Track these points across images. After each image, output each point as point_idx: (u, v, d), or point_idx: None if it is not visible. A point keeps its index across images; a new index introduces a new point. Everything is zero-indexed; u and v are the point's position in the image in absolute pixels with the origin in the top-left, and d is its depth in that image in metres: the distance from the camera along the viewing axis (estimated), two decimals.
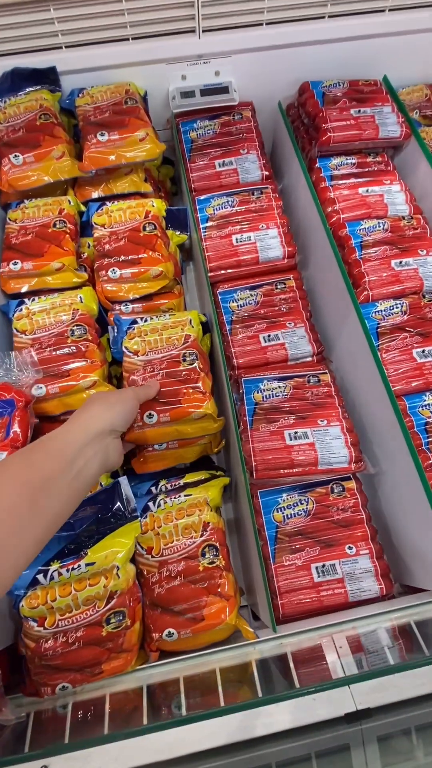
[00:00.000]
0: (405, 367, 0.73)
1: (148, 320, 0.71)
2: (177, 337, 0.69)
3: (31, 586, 0.50)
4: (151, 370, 0.66)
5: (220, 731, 0.51)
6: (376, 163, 0.94)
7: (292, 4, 0.87)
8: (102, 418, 0.48)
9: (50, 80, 0.88)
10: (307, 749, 0.51)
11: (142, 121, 0.83)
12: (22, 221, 0.79)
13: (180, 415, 0.63)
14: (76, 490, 0.43)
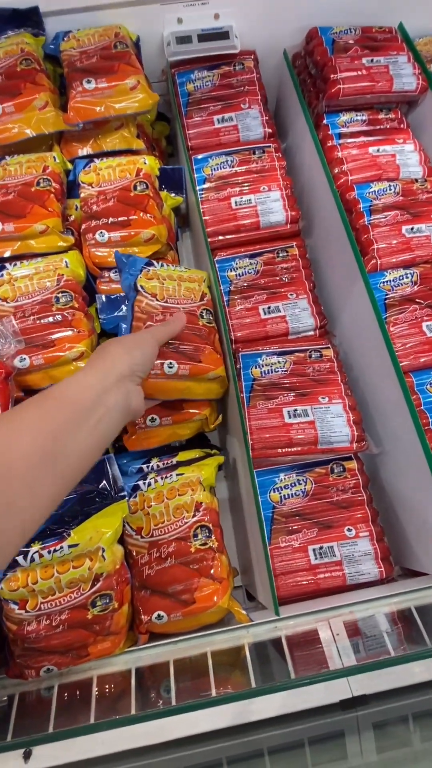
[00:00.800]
0: (413, 341, 0.69)
1: (165, 266, 0.65)
2: (195, 290, 0.64)
3: (9, 568, 0.47)
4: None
5: (211, 716, 0.49)
6: (388, 120, 0.87)
7: None
8: (122, 360, 0.44)
9: (33, 22, 0.80)
10: (300, 735, 0.50)
11: (133, 68, 0.76)
12: (2, 179, 0.73)
13: (198, 372, 0.60)
14: (96, 441, 0.39)
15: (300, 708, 0.49)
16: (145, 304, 0.61)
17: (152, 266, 0.64)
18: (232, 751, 0.49)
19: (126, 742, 0.49)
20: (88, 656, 0.52)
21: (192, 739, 0.49)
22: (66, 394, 0.39)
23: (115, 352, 0.45)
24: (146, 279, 0.63)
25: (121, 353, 0.45)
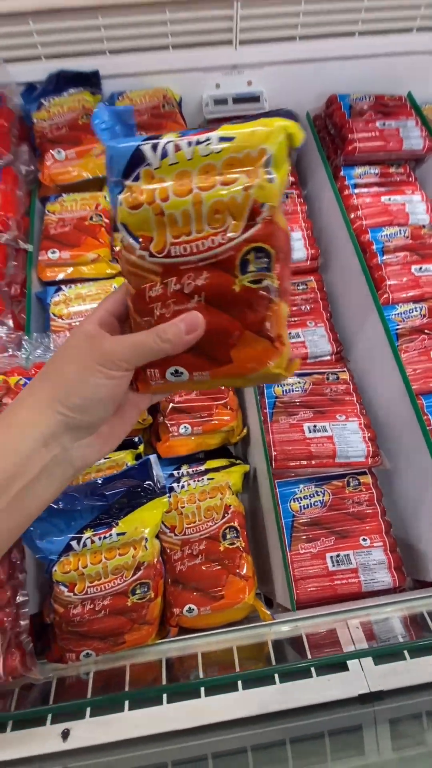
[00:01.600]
0: (423, 367, 0.76)
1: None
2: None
3: (64, 552, 0.52)
4: None
5: (238, 704, 0.53)
6: (398, 174, 0.98)
7: (325, 21, 0.91)
8: (44, 416, 0.31)
9: (92, 83, 0.92)
10: (321, 727, 0.53)
11: (179, 125, 0.87)
12: (60, 213, 0.83)
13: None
14: (11, 521, 0.32)
15: (321, 700, 0.53)
16: None
17: None
18: (257, 740, 0.52)
19: (157, 726, 0.52)
20: (124, 644, 0.56)
21: (219, 726, 0.52)
22: None
23: (34, 402, 0.32)
24: None
25: (42, 405, 0.31)
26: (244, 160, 0.30)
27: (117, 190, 0.32)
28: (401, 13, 0.93)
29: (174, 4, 0.84)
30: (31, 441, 0.31)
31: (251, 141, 0.30)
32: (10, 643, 0.49)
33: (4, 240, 0.72)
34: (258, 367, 0.33)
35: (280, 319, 0.33)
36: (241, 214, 0.31)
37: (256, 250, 0.31)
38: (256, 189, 0.30)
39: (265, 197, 0.30)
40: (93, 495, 0.54)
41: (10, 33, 0.84)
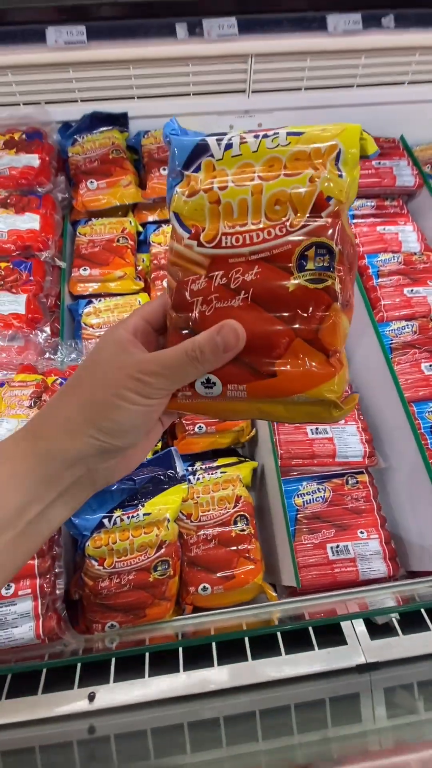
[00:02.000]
0: (414, 378, 0.84)
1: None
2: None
3: (96, 529, 0.59)
4: None
5: (247, 672, 0.59)
6: (392, 206, 1.09)
7: (327, 75, 1.04)
8: (74, 440, 0.29)
9: (121, 123, 1.04)
10: (322, 694, 0.59)
11: None
12: (90, 236, 0.93)
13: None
14: (24, 545, 0.30)
15: (322, 669, 0.59)
16: None
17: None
18: (265, 704, 0.58)
19: (174, 691, 0.58)
20: (145, 617, 0.62)
21: (230, 691, 0.58)
22: None
23: (65, 422, 0.30)
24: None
25: (74, 426, 0.29)
26: (312, 153, 0.28)
27: (175, 181, 0.31)
28: (394, 69, 1.06)
29: (196, 59, 0.96)
30: (55, 465, 0.29)
31: (321, 137, 0.28)
32: (48, 607, 0.55)
33: (43, 257, 0.82)
34: (308, 386, 0.28)
35: (340, 331, 0.28)
36: (305, 207, 0.28)
37: (318, 246, 0.27)
38: (324, 181, 0.27)
39: (333, 191, 0.27)
40: (123, 479, 0.61)
41: (53, 80, 0.96)
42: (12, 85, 0.96)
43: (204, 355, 0.28)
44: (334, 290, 0.28)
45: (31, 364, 0.73)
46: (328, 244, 0.27)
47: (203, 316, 0.30)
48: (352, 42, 0.97)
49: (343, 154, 0.28)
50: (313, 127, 0.29)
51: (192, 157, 0.30)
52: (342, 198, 0.28)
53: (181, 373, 0.29)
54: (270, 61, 0.99)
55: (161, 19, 0.90)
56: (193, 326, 0.30)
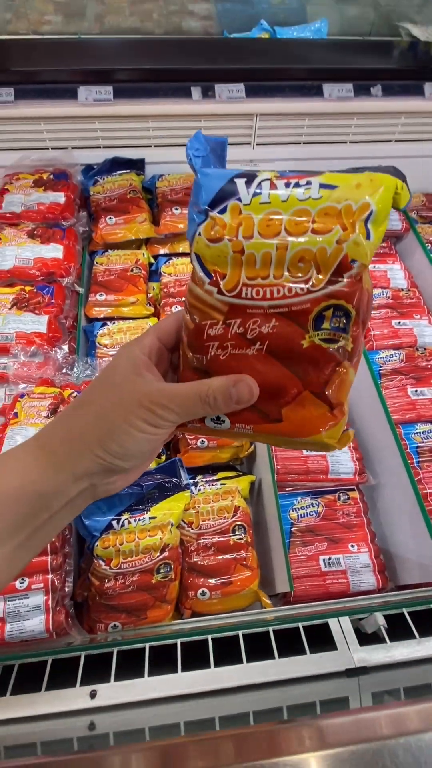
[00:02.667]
0: (401, 402, 0.91)
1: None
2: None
3: (105, 530, 0.64)
4: None
5: (242, 674, 0.62)
6: (382, 247, 1.20)
7: (323, 132, 1.17)
8: (83, 457, 0.31)
9: (138, 167, 1.16)
10: (313, 696, 0.61)
11: None
12: (106, 265, 1.02)
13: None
14: (29, 550, 0.32)
15: (313, 673, 0.62)
16: None
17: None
18: (258, 705, 0.61)
19: (172, 690, 0.61)
20: (146, 619, 0.66)
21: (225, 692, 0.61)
22: None
23: (75, 440, 0.31)
24: None
25: (83, 444, 0.31)
26: (343, 211, 0.28)
27: (199, 218, 0.30)
28: (382, 129, 1.20)
29: (208, 116, 1.09)
30: (63, 478, 0.31)
31: (355, 194, 0.27)
32: (58, 602, 0.59)
33: (65, 283, 0.90)
34: (310, 432, 0.30)
35: (345, 385, 0.30)
36: (328, 267, 0.28)
37: (336, 308, 0.28)
38: (351, 244, 0.27)
39: (358, 254, 0.28)
40: (132, 485, 0.66)
41: (80, 129, 1.08)
42: (43, 133, 1.08)
43: (216, 401, 0.30)
44: (346, 350, 0.29)
45: (50, 378, 0.79)
46: (346, 307, 0.28)
47: (218, 361, 0.31)
48: (345, 106, 1.10)
49: (374, 215, 0.27)
50: (349, 180, 0.28)
51: (218, 199, 0.29)
52: (366, 261, 0.28)
53: (191, 412, 0.31)
54: (273, 119, 1.12)
55: (179, 83, 1.03)
56: (207, 368, 0.31)
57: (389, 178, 0.28)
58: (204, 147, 0.33)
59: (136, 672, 0.63)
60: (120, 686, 0.61)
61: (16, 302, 0.85)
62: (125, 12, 1.88)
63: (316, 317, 0.29)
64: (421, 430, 0.87)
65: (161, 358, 0.34)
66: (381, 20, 1.80)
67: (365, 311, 0.30)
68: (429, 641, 0.65)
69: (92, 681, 0.62)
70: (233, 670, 0.62)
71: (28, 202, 1.00)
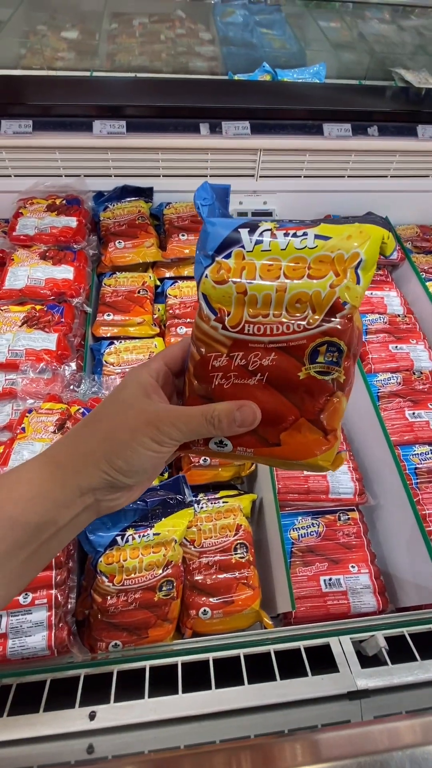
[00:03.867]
0: (399, 424, 0.93)
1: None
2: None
3: (109, 546, 0.64)
4: None
5: (243, 696, 0.61)
6: (379, 275, 1.25)
7: (323, 167, 1.24)
8: (89, 474, 0.32)
9: (146, 195, 1.22)
10: (315, 720, 0.61)
11: None
12: (114, 287, 1.05)
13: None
14: (36, 564, 0.33)
15: (315, 695, 0.62)
16: None
17: None
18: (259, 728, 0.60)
19: (172, 712, 0.60)
20: (147, 638, 0.66)
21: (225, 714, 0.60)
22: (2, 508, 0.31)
23: (82, 456, 0.33)
24: None
25: (90, 460, 0.32)
26: (336, 259, 0.31)
27: (206, 262, 0.33)
28: (378, 165, 1.27)
29: (214, 150, 1.15)
30: (70, 492, 0.32)
31: (346, 244, 0.31)
32: (60, 619, 0.59)
33: (74, 303, 0.93)
34: (306, 455, 0.33)
35: (338, 413, 0.33)
36: (322, 308, 0.31)
37: (330, 344, 0.32)
38: (343, 288, 0.31)
39: (349, 297, 0.31)
40: (136, 501, 0.67)
41: (92, 159, 1.14)
42: (57, 161, 1.13)
43: (221, 423, 0.32)
44: (339, 382, 0.33)
45: (57, 394, 0.81)
46: (338, 343, 0.32)
47: (222, 389, 0.34)
48: (343, 144, 1.17)
49: (363, 262, 0.31)
50: (341, 231, 0.31)
51: (224, 245, 0.32)
52: (357, 303, 0.32)
53: (196, 433, 0.33)
54: (275, 154, 1.19)
55: (189, 120, 1.10)
56: (211, 395, 0.34)
57: (377, 229, 0.31)
58: (210, 196, 0.35)
59: (136, 693, 0.62)
60: (120, 707, 0.60)
61: (26, 320, 0.88)
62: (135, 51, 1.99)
63: (311, 352, 0.32)
64: (419, 452, 0.89)
65: (167, 381, 0.36)
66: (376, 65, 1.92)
67: (356, 346, 0.33)
68: (430, 663, 0.65)
69: (92, 702, 0.61)
70: (234, 692, 0.62)
71: (41, 226, 1.04)
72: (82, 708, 0.60)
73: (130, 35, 1.94)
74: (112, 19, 2.02)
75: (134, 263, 1.08)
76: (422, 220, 1.41)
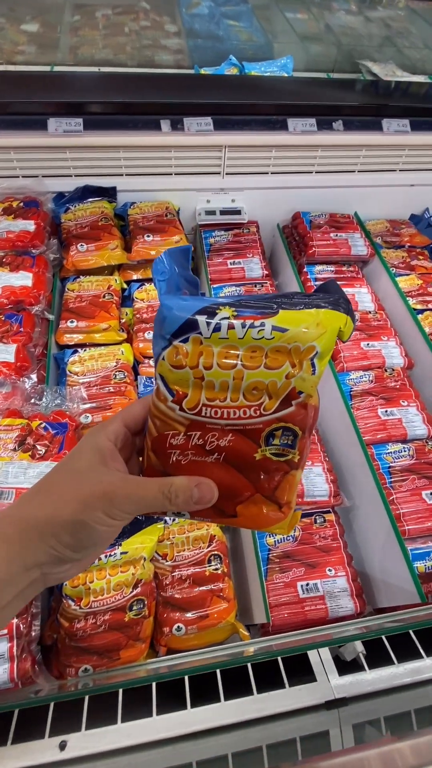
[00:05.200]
0: (372, 422, 0.93)
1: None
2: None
3: None
4: None
5: (220, 713, 0.60)
6: (350, 272, 1.24)
7: (289, 163, 1.22)
8: (35, 550, 0.31)
9: (110, 195, 1.17)
10: (293, 733, 0.60)
11: (177, 229, 1.11)
12: (78, 291, 1.01)
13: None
14: None
15: (293, 707, 0.60)
16: None
17: None
18: (236, 746, 0.58)
19: (147, 736, 0.58)
20: (119, 660, 0.63)
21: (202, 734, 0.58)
22: None
23: (28, 530, 0.31)
24: None
25: (35, 535, 0.31)
26: (292, 351, 0.31)
27: (162, 343, 0.32)
28: (345, 160, 1.26)
29: (177, 147, 1.12)
30: (15, 569, 0.30)
31: (303, 337, 0.31)
32: (23, 649, 0.56)
33: (34, 311, 0.89)
34: (261, 526, 0.35)
35: (293, 488, 0.35)
36: (278, 396, 0.32)
37: (284, 429, 0.33)
38: (298, 379, 0.32)
39: (304, 387, 0.32)
40: None
41: (50, 158, 1.09)
42: (13, 161, 1.08)
43: (177, 499, 0.32)
44: (293, 462, 0.34)
45: (17, 409, 0.77)
46: (293, 428, 0.33)
47: (179, 465, 0.34)
48: (309, 139, 1.16)
49: (319, 354, 0.32)
50: (299, 323, 0.31)
51: (181, 330, 0.32)
52: (312, 392, 0.33)
53: (151, 507, 0.32)
54: (241, 150, 1.16)
55: (149, 116, 1.06)
56: (169, 470, 0.34)
57: (335, 317, 0.32)
58: (168, 267, 0.34)
59: (108, 718, 0.60)
60: (92, 735, 0.58)
61: None
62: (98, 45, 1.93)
63: (267, 435, 0.33)
64: (392, 450, 0.89)
65: (126, 443, 0.36)
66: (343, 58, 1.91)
67: (311, 426, 0.34)
68: (407, 665, 0.65)
69: (62, 730, 0.59)
70: (210, 710, 0.60)
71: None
72: (52, 738, 0.58)
73: (93, 27, 1.87)
74: (74, 11, 1.95)
75: (98, 266, 1.04)
76: (391, 214, 1.40)
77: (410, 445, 0.90)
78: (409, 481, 0.85)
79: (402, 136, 1.20)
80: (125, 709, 0.61)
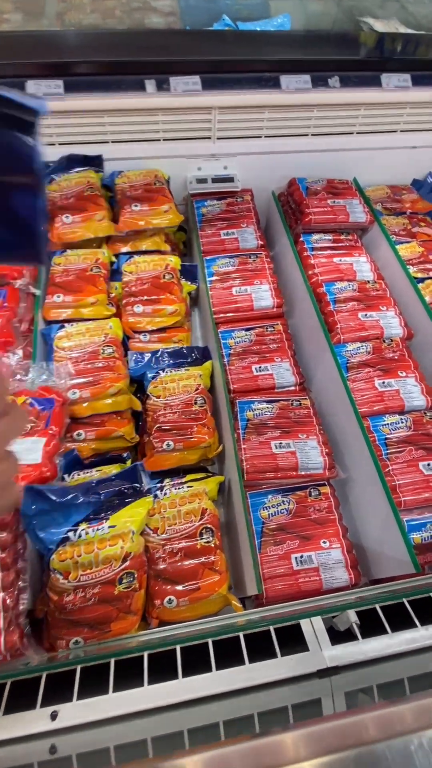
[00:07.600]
0: (369, 394, 0.90)
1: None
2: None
3: (62, 542, 0.61)
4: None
5: (211, 683, 0.60)
6: (348, 240, 1.19)
7: (283, 125, 1.16)
8: None
9: (96, 164, 1.13)
10: (285, 701, 0.60)
11: (167, 198, 1.07)
12: (65, 265, 0.98)
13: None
14: None
15: (285, 676, 0.60)
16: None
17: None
18: (228, 714, 0.59)
19: (138, 705, 0.58)
20: (110, 632, 0.63)
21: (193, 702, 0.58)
22: None
23: None
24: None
25: None
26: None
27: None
28: (343, 121, 1.19)
29: (164, 110, 1.07)
30: None
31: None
32: (11, 622, 0.56)
33: (17, 285, 0.86)
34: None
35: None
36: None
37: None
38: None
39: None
40: (89, 493, 0.64)
41: None
42: None
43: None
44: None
45: None
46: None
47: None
48: (303, 98, 1.09)
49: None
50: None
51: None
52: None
53: None
54: (232, 112, 1.10)
55: (132, 76, 1.00)
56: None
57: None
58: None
59: (100, 688, 0.60)
60: (83, 705, 0.58)
61: None
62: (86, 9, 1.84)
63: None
64: (389, 422, 0.86)
65: None
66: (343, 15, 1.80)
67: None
68: (400, 635, 0.64)
69: (54, 701, 0.59)
70: (202, 680, 0.60)
71: None
72: (44, 708, 0.58)
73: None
74: None
75: (85, 239, 1.00)
76: (392, 179, 1.34)
77: (408, 416, 0.88)
78: (406, 452, 0.83)
79: (403, 93, 1.13)
80: (117, 680, 0.61)
